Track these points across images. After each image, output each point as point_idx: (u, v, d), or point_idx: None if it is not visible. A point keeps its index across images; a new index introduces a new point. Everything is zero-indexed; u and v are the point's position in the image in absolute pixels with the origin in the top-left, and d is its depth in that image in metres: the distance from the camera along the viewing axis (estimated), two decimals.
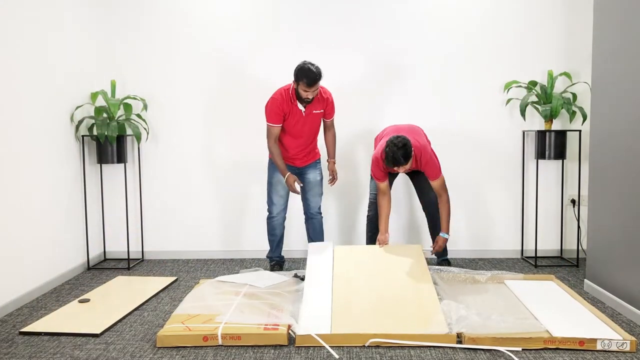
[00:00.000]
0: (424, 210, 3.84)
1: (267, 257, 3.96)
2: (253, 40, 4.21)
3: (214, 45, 4.23)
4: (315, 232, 3.86)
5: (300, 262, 4.10)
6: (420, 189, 3.78)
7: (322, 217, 3.89)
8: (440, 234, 3.62)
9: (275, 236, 3.87)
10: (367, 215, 3.85)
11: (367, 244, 3.85)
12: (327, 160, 3.84)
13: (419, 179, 3.75)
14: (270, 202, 3.80)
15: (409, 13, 4.16)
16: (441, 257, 3.85)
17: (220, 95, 4.25)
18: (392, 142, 3.27)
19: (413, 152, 3.35)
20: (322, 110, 3.67)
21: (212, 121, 4.27)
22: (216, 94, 4.25)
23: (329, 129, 3.82)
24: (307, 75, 3.38)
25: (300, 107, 3.57)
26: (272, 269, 3.86)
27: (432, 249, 3.68)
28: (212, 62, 4.24)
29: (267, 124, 3.62)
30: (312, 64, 3.43)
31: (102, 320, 2.89)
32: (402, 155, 3.24)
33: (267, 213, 3.85)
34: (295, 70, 3.46)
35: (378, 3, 4.16)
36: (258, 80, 4.22)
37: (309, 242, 3.88)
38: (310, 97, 3.49)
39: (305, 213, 3.88)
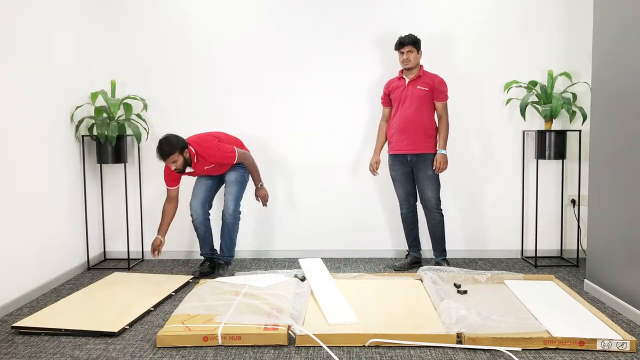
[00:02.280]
0: (424, 212, 3.86)
1: None
2: (253, 41, 4.21)
3: (214, 46, 4.22)
4: None
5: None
6: (421, 189, 3.81)
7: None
8: (439, 151, 3.74)
9: None
10: (401, 214, 3.95)
11: (407, 239, 3.98)
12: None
13: (420, 179, 3.78)
14: None
15: (408, 13, 4.16)
16: (440, 257, 3.86)
17: (220, 95, 4.25)
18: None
19: (423, 71, 3.76)
20: None
21: (212, 121, 4.26)
22: (216, 94, 4.25)
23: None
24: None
25: None
26: None
27: (434, 169, 3.73)
28: (212, 63, 4.23)
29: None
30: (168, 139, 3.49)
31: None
32: (409, 35, 3.71)
33: None
34: None
35: (377, 4, 4.16)
36: (258, 80, 4.22)
37: None
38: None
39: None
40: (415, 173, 3.81)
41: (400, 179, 3.86)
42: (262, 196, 3.79)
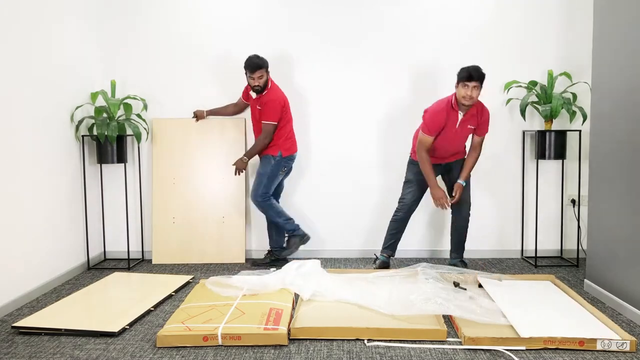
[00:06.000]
0: (452, 224, 3.85)
1: None
2: (253, 41, 4.21)
3: (214, 46, 4.22)
4: None
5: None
6: (457, 202, 3.74)
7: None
8: (459, 181, 3.72)
9: None
10: (396, 215, 3.84)
11: (387, 239, 3.86)
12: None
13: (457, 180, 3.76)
14: None
15: (409, 13, 4.16)
16: (457, 259, 3.85)
17: (220, 95, 4.25)
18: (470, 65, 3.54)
19: (480, 101, 3.60)
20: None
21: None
22: (216, 94, 4.25)
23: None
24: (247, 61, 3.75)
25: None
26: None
27: (451, 200, 3.72)
28: (212, 62, 4.23)
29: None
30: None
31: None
32: (478, 69, 3.45)
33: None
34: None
35: (380, 4, 4.16)
36: None
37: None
38: (255, 83, 3.77)
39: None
40: (451, 174, 3.79)
41: (420, 184, 3.75)
42: (237, 165, 3.89)
